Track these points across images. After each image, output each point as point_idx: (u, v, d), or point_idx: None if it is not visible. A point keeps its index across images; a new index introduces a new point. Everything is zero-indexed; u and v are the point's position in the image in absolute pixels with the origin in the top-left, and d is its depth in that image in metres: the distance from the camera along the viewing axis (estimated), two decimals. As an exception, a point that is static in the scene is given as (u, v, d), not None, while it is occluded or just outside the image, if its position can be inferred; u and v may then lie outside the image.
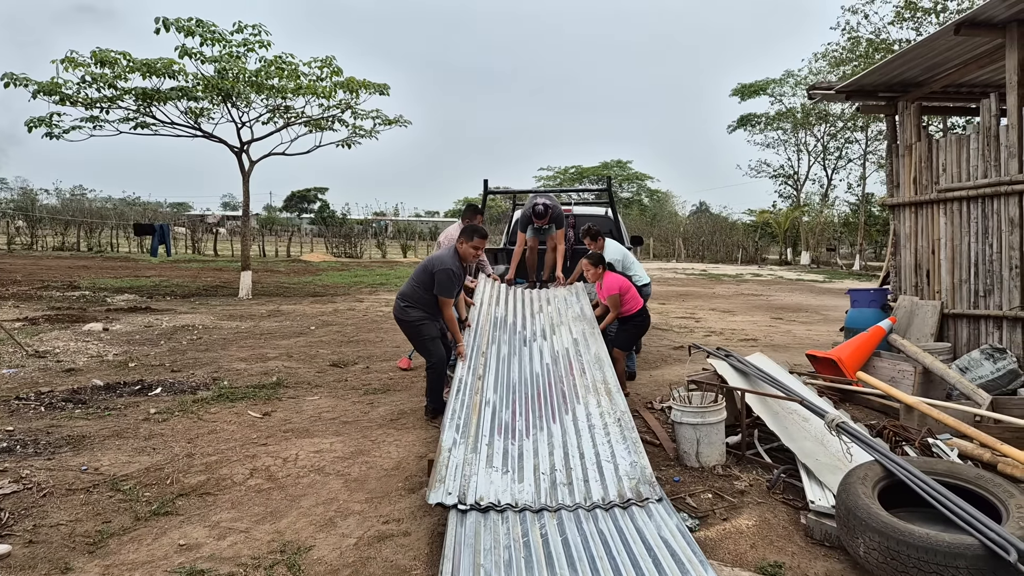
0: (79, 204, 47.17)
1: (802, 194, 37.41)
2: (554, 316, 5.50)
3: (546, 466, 3.29)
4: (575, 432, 3.64)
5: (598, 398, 4.02)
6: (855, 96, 7.07)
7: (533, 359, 4.74)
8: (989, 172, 5.44)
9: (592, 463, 3.30)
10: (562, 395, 4.12)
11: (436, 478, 3.05)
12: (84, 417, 4.92)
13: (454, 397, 3.97)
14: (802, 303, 14.63)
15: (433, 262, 4.78)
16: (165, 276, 17.80)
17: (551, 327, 5.28)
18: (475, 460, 3.31)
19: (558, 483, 3.14)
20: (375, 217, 59.31)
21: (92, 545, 2.99)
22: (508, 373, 4.50)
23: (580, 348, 4.82)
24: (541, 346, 4.95)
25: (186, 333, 8.92)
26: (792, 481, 3.60)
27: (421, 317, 4.78)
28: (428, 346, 4.81)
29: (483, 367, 4.49)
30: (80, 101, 12.29)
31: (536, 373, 4.50)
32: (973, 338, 5.69)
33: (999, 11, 4.93)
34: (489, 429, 3.67)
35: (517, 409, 3.95)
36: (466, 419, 3.73)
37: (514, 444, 3.55)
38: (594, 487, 3.09)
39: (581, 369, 4.46)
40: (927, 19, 19.92)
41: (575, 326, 5.23)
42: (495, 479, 3.15)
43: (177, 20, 11.76)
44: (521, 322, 5.43)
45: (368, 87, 13.49)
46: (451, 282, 4.72)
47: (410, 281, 4.89)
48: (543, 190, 7.52)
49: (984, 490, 2.88)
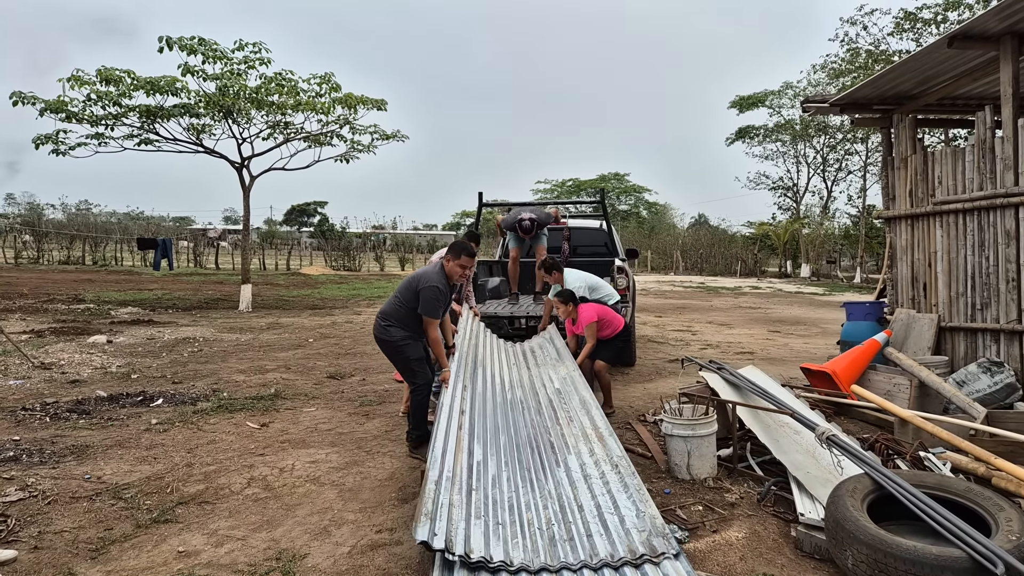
0: (84, 219, 47.50)
1: (801, 206, 37.50)
2: (532, 368, 5.29)
3: (541, 521, 2.99)
4: (569, 483, 3.33)
5: (590, 445, 3.74)
6: (850, 109, 7.14)
7: (517, 411, 4.38)
8: (985, 184, 5.48)
9: (594, 516, 2.99)
10: (550, 446, 3.80)
11: (422, 511, 2.75)
12: (88, 427, 4.97)
13: (437, 428, 3.65)
14: (800, 316, 14.65)
15: (418, 279, 4.40)
16: (167, 289, 17.89)
17: (531, 379, 5.04)
18: (462, 505, 2.96)
19: (557, 539, 2.83)
20: (373, 230, 59.53)
21: (94, 551, 3.04)
22: (495, 424, 4.10)
23: (564, 396, 4.55)
24: (524, 398, 4.62)
25: (187, 345, 8.98)
26: (783, 494, 3.62)
27: (404, 337, 4.36)
28: (412, 367, 4.40)
29: (468, 404, 4.15)
30: (86, 118, 12.47)
31: (522, 424, 4.15)
32: (970, 351, 5.71)
33: (993, 24, 5.00)
34: (478, 478, 3.32)
35: (503, 460, 3.59)
36: (453, 456, 3.40)
37: (503, 496, 3.20)
38: (599, 542, 2.78)
39: (568, 417, 4.18)
40: (927, 30, 20.06)
41: (555, 373, 5.04)
42: (484, 532, 2.83)
43: (180, 39, 11.95)
44: (499, 372, 5.12)
45: (366, 102, 13.68)
46: (437, 301, 4.35)
47: (393, 299, 4.49)
48: (536, 203, 7.61)
49: (974, 503, 2.91)
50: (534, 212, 7.33)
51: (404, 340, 4.37)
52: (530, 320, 6.64)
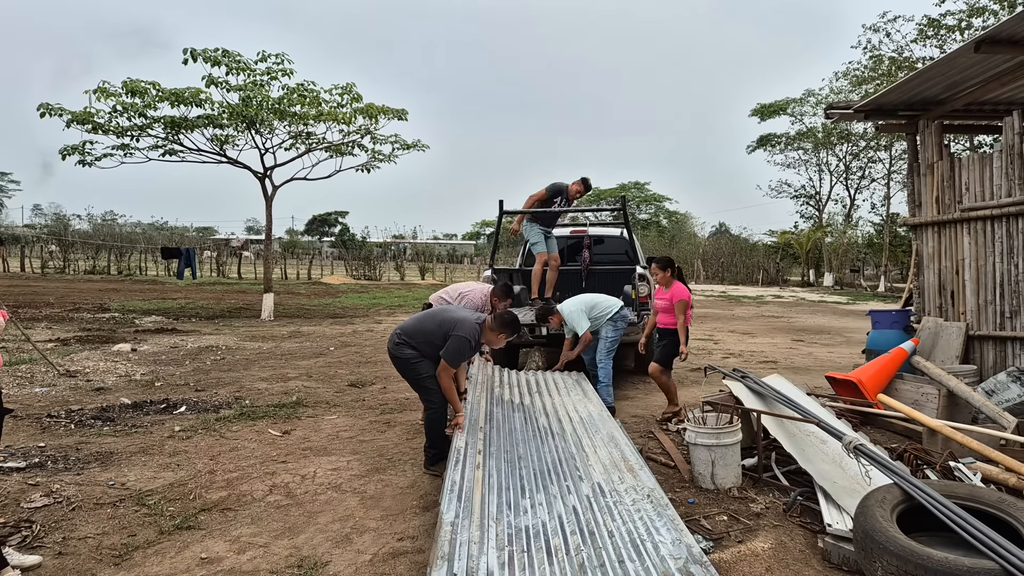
0: (110, 229, 48.54)
1: (824, 214, 37.04)
2: (555, 396, 5.24)
3: (570, 547, 2.86)
4: (598, 509, 3.19)
5: (620, 474, 3.58)
6: (874, 115, 7.05)
7: (539, 434, 4.33)
8: (1013, 191, 5.38)
9: (626, 542, 2.84)
10: (576, 470, 3.68)
11: (437, 554, 2.68)
12: (112, 434, 5.05)
13: (453, 468, 3.58)
14: (824, 325, 14.43)
15: (454, 322, 4.12)
16: (191, 298, 18.17)
17: (554, 406, 4.96)
18: (483, 539, 2.89)
19: (587, 565, 2.69)
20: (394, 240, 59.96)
21: (118, 557, 3.08)
22: (514, 448, 4.07)
23: (589, 427, 4.44)
24: (548, 423, 4.54)
25: (210, 354, 9.10)
26: (809, 504, 3.55)
27: (417, 355, 4.19)
28: (426, 384, 4.19)
29: (483, 442, 4.05)
30: (112, 129, 12.75)
31: (545, 448, 4.06)
32: (1000, 360, 5.58)
33: (1020, 28, 4.92)
34: (496, 506, 3.25)
35: (526, 486, 3.51)
36: (468, 492, 3.33)
37: (528, 523, 3.10)
38: (632, 568, 2.64)
39: (594, 446, 4.04)
40: (951, 36, 19.76)
41: (580, 407, 4.93)
42: (508, 563, 2.75)
43: (204, 51, 12.20)
44: (520, 399, 5.12)
45: (387, 112, 13.82)
46: (463, 354, 4.16)
47: (418, 324, 4.28)
48: (558, 210, 7.61)
49: (1007, 514, 2.82)
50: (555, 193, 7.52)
51: (417, 359, 4.19)
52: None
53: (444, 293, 5.82)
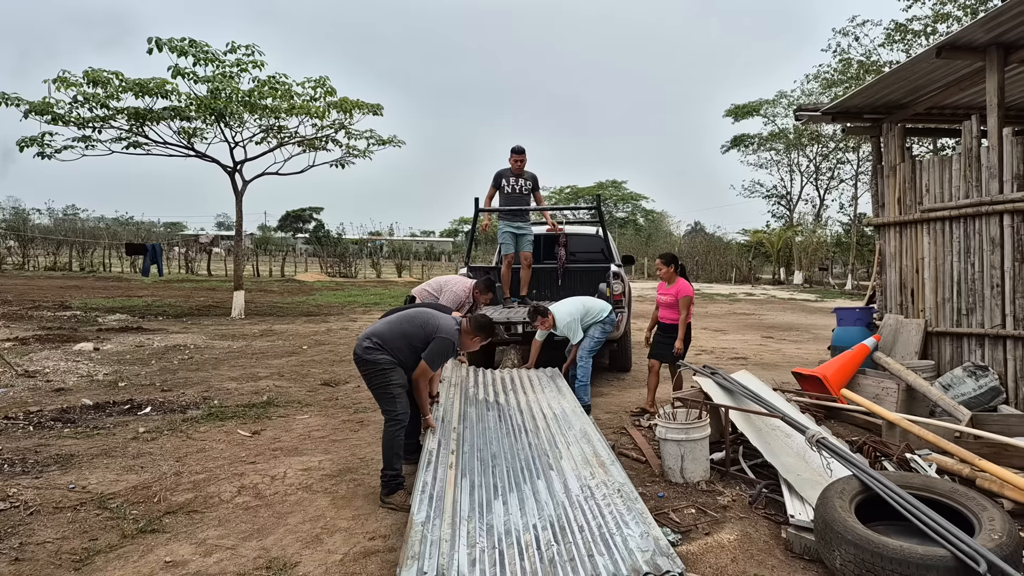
0: (71, 224, 47.13)
1: (795, 214, 37.76)
2: (529, 394, 5.27)
3: (541, 543, 2.91)
4: (569, 505, 3.23)
5: (592, 470, 3.63)
6: (841, 117, 7.23)
7: (513, 432, 4.37)
8: (971, 192, 5.55)
9: (595, 536, 2.90)
10: (548, 467, 3.73)
11: (408, 554, 2.70)
12: (73, 436, 4.93)
13: (425, 469, 3.56)
14: (793, 322, 14.73)
15: (436, 325, 3.95)
16: (157, 296, 17.79)
17: (528, 403, 5.00)
18: (454, 537, 2.92)
19: (556, 561, 2.74)
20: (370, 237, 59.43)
21: (78, 562, 3.01)
22: (487, 446, 4.11)
23: (562, 423, 4.49)
24: (521, 421, 4.58)
25: (177, 353, 8.93)
26: (774, 496, 3.64)
27: (390, 361, 3.89)
28: (394, 394, 3.88)
29: (455, 441, 4.07)
30: (72, 121, 12.38)
31: (518, 446, 4.10)
32: (956, 356, 5.77)
33: (979, 35, 5.09)
34: (468, 504, 3.28)
35: (499, 483, 3.56)
36: (440, 492, 3.34)
37: (499, 520, 3.15)
38: (601, 562, 2.69)
39: (567, 443, 4.10)
40: (916, 41, 20.27)
41: (554, 403, 4.97)
42: (480, 558, 2.78)
43: (170, 40, 11.90)
44: (494, 397, 5.17)
45: (362, 107, 13.67)
46: (445, 356, 4.05)
47: (395, 326, 4.00)
48: (532, 208, 7.62)
49: (958, 503, 2.94)
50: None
51: (390, 365, 3.89)
52: (526, 325, 6.63)
53: (427, 286, 5.90)
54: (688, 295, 5.63)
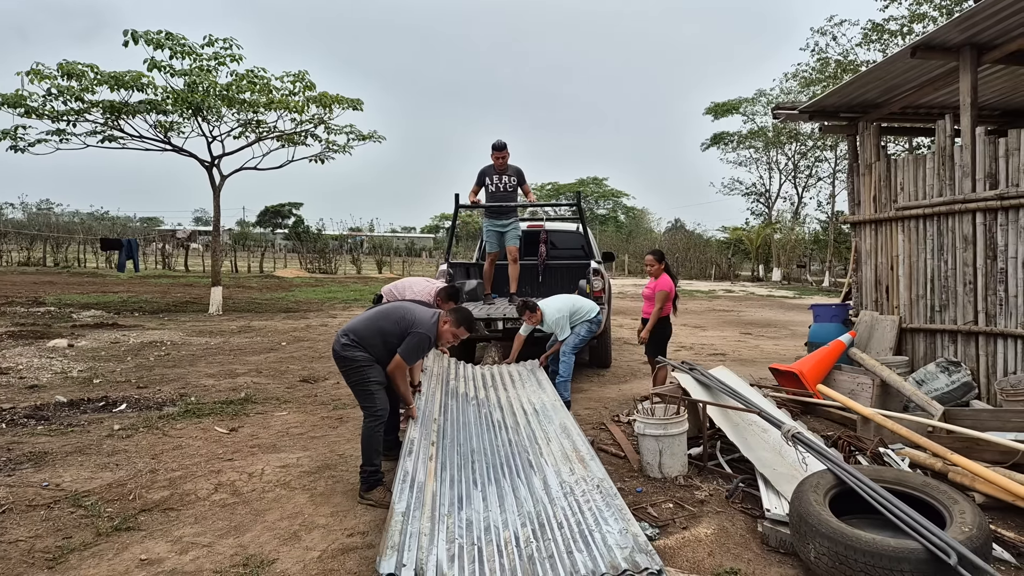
0: (45, 219, 46.18)
1: (774, 212, 38.23)
2: (510, 390, 5.27)
3: (520, 540, 2.91)
4: (548, 501, 3.23)
5: (571, 465, 3.63)
6: (818, 116, 7.32)
7: (493, 428, 4.37)
8: (944, 191, 5.65)
9: (574, 533, 2.89)
10: (528, 464, 3.73)
11: (388, 543, 2.68)
12: (46, 434, 4.83)
13: (406, 458, 3.55)
14: (771, 319, 14.92)
15: (412, 320, 3.90)
16: (133, 292, 17.48)
17: (509, 399, 5.00)
18: (433, 531, 2.91)
19: (536, 558, 2.74)
20: (350, 233, 58.91)
21: (52, 561, 2.96)
22: (467, 441, 4.10)
23: (543, 418, 4.50)
24: (501, 417, 4.59)
25: (154, 349, 8.79)
26: (751, 490, 3.69)
27: (367, 358, 3.87)
28: (371, 390, 3.84)
29: (436, 434, 4.04)
30: (46, 114, 12.13)
31: (497, 442, 4.09)
32: (929, 352, 5.88)
33: (953, 35, 5.18)
34: (448, 499, 3.27)
35: (478, 479, 3.55)
36: (421, 484, 3.32)
37: (479, 516, 3.14)
38: (580, 559, 2.68)
39: (547, 438, 4.11)
40: (893, 41, 20.59)
41: (535, 397, 4.98)
42: (459, 555, 2.78)
43: (146, 33, 11.70)
44: (475, 393, 5.14)
45: (341, 102, 13.56)
46: (422, 351, 3.99)
47: (371, 322, 3.96)
48: (513, 204, 7.57)
49: (930, 497, 3.00)
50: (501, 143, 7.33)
51: (368, 362, 3.87)
52: (507, 322, 6.63)
53: (393, 287, 5.83)
54: (663, 289, 5.73)
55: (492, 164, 7.38)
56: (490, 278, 7.62)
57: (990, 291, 5.24)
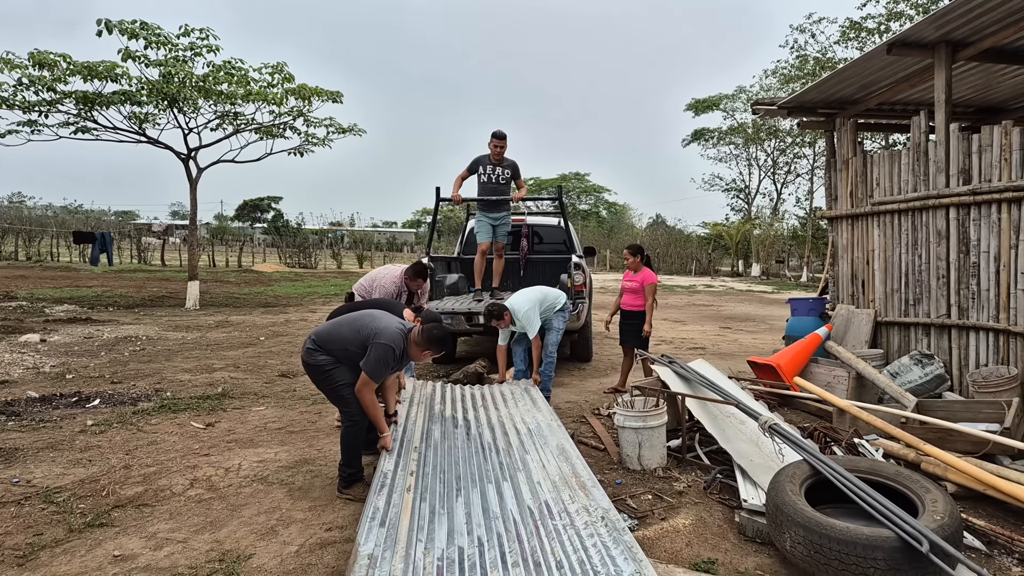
0: (17, 212, 45.09)
1: (753, 207, 38.63)
2: (501, 409, 4.90)
3: None
4: (545, 535, 2.83)
5: (572, 492, 3.25)
6: (796, 112, 7.39)
7: (483, 451, 3.97)
8: (919, 186, 5.74)
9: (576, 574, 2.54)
10: (521, 490, 3.38)
11: None
12: (17, 429, 4.73)
13: (377, 493, 3.20)
14: (750, 313, 15.09)
15: (377, 330, 3.60)
16: (108, 286, 17.15)
17: (500, 419, 4.63)
18: (407, 573, 2.54)
19: None
20: (331, 227, 58.39)
21: (22, 558, 2.90)
22: (452, 467, 3.70)
23: (537, 439, 4.11)
24: (492, 438, 4.20)
25: (128, 344, 8.64)
26: (728, 481, 3.73)
27: (331, 361, 3.67)
28: (342, 393, 3.67)
29: (415, 462, 3.68)
30: (17, 104, 11.84)
31: (488, 466, 3.71)
32: (904, 344, 5.98)
33: (928, 32, 5.25)
34: (427, 533, 2.88)
35: (463, 508, 3.15)
36: (394, 519, 2.95)
37: (464, 552, 2.74)
38: None
39: (542, 462, 3.73)
40: (871, 39, 20.87)
41: (528, 417, 4.62)
42: None
43: (120, 22, 11.44)
44: (464, 414, 4.74)
45: (321, 94, 13.38)
46: (387, 364, 3.59)
47: (333, 328, 3.76)
48: (495, 198, 7.48)
49: (903, 486, 3.05)
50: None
51: (332, 365, 3.68)
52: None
53: (363, 280, 5.65)
54: (653, 283, 5.97)
55: (488, 154, 7.16)
56: (481, 271, 7.45)
57: (963, 285, 5.34)
